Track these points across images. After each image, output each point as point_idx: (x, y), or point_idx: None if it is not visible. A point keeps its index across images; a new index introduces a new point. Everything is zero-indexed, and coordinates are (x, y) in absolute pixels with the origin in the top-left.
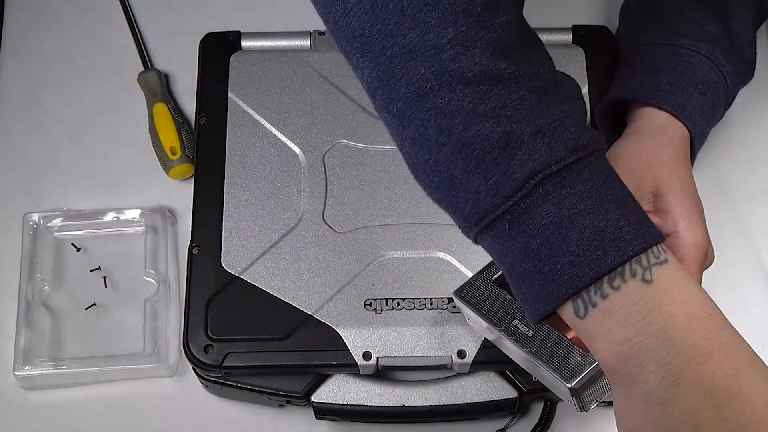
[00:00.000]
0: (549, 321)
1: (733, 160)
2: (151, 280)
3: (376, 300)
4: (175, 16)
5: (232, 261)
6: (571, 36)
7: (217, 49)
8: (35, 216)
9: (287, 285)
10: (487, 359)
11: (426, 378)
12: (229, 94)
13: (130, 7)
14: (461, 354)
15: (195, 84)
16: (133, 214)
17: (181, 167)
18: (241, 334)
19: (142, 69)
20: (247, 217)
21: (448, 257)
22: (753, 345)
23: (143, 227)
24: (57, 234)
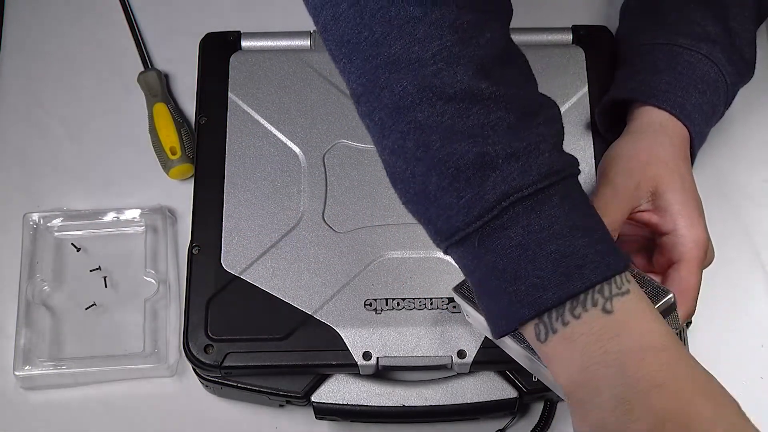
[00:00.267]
0: None
1: (733, 160)
2: (151, 280)
3: (376, 300)
4: (175, 16)
5: (232, 261)
6: (571, 36)
7: (217, 49)
8: (35, 216)
9: (287, 285)
10: (487, 359)
11: (426, 378)
12: (229, 94)
13: (130, 7)
14: (461, 354)
15: (195, 84)
16: (133, 214)
17: (181, 167)
18: (241, 334)
19: (142, 69)
20: (247, 217)
21: (448, 257)
22: (753, 345)
23: (143, 227)
24: (57, 234)
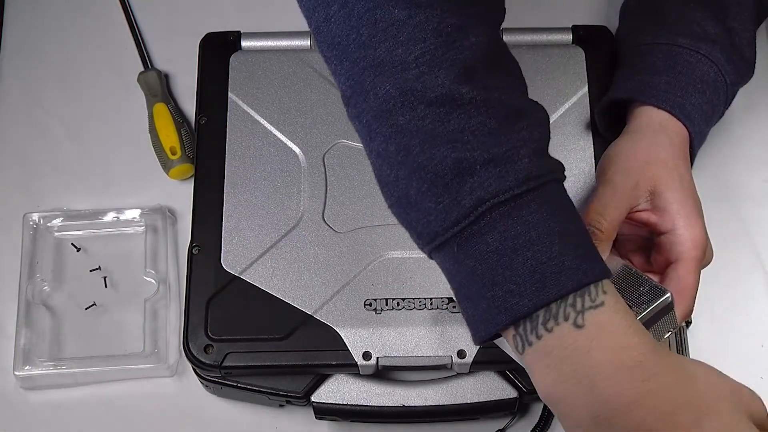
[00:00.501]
0: None
1: (733, 160)
2: (151, 280)
3: (376, 300)
4: (175, 16)
5: (232, 261)
6: (571, 36)
7: (217, 49)
8: (35, 216)
9: (287, 285)
10: (487, 359)
11: (426, 378)
12: (229, 94)
13: (130, 7)
14: (461, 354)
15: (195, 84)
16: (133, 214)
17: (181, 167)
18: (241, 334)
19: (142, 69)
20: (247, 217)
21: None
22: (753, 345)
23: (143, 227)
24: (57, 234)
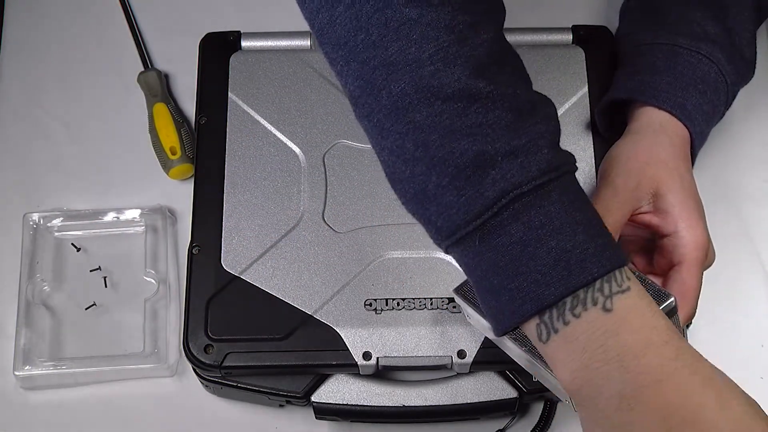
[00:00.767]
0: None
1: (734, 160)
2: (151, 280)
3: (376, 300)
4: (175, 16)
5: (232, 261)
6: (571, 36)
7: (217, 49)
8: (35, 216)
9: (287, 285)
10: (487, 359)
11: (426, 378)
12: (229, 94)
13: (130, 7)
14: (461, 354)
15: (195, 84)
16: (133, 214)
17: (181, 167)
18: (241, 334)
19: (142, 69)
20: (247, 217)
21: (448, 257)
22: (753, 345)
23: (143, 227)
24: (57, 234)
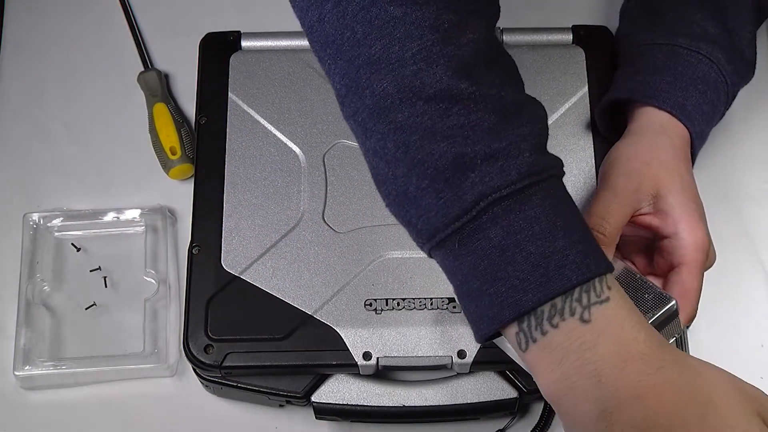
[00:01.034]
0: None
1: (734, 160)
2: (151, 280)
3: (376, 300)
4: (175, 16)
5: (232, 261)
6: (571, 36)
7: (217, 49)
8: (35, 216)
9: (287, 285)
10: (487, 359)
11: (426, 378)
12: (229, 94)
13: (130, 7)
14: (461, 354)
15: (195, 84)
16: (133, 214)
17: (181, 167)
18: (241, 334)
19: (142, 69)
20: (247, 217)
21: None
22: (753, 345)
23: (143, 227)
24: (57, 234)
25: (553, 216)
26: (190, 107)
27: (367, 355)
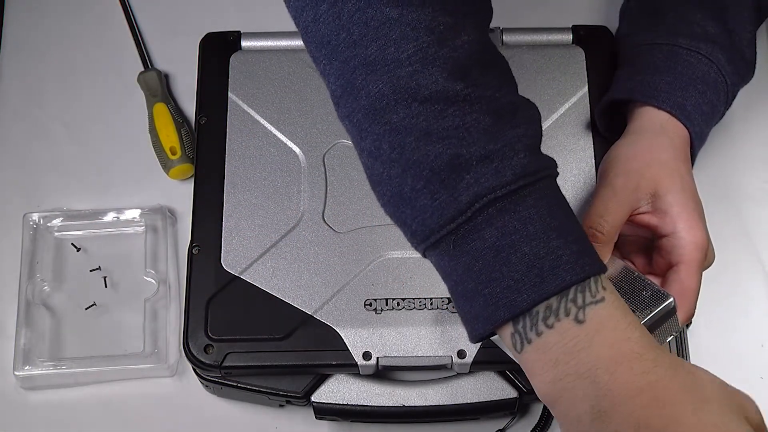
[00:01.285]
0: None
1: (734, 160)
2: (151, 280)
3: (376, 300)
4: (175, 16)
5: (232, 261)
6: (571, 36)
7: (217, 49)
8: (35, 216)
9: (287, 285)
10: (487, 359)
11: (426, 378)
12: (229, 94)
13: (130, 7)
14: (461, 354)
15: (195, 84)
16: (133, 214)
17: (181, 167)
18: (241, 334)
19: (142, 69)
20: (247, 217)
21: None
22: (753, 345)
23: (143, 227)
24: (57, 234)
25: (547, 217)
26: (190, 107)
27: (367, 355)
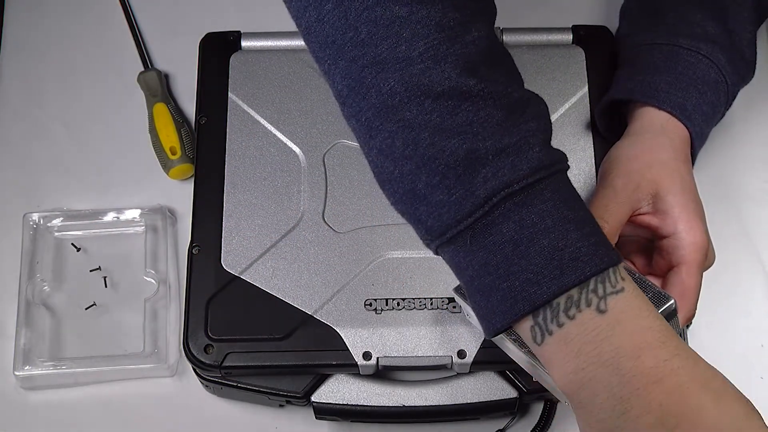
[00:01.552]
0: None
1: (734, 160)
2: (151, 280)
3: (376, 300)
4: (175, 16)
5: (232, 261)
6: (571, 36)
7: (217, 49)
8: (35, 216)
9: (287, 285)
10: (487, 359)
11: (426, 378)
12: (229, 94)
13: (130, 7)
14: (461, 354)
15: (195, 84)
16: (133, 214)
17: (181, 167)
18: (241, 334)
19: (142, 69)
20: (247, 217)
21: None
22: (753, 345)
23: (143, 227)
24: (57, 234)
25: (564, 209)
26: (190, 107)
27: (367, 355)
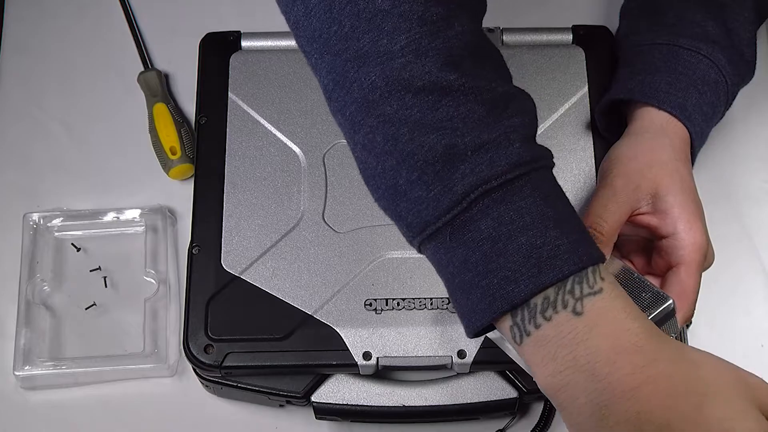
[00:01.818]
0: None
1: (733, 160)
2: (151, 280)
3: (376, 300)
4: (175, 16)
5: (232, 261)
6: (571, 36)
7: (217, 49)
8: (35, 216)
9: (287, 285)
10: (487, 359)
11: (426, 378)
12: (229, 94)
13: (130, 7)
14: (461, 354)
15: (195, 84)
16: (133, 214)
17: (181, 167)
18: (241, 334)
19: (142, 69)
20: (247, 217)
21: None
22: (753, 345)
23: (143, 227)
24: (57, 234)
25: (543, 206)
26: (190, 107)
27: (367, 355)
